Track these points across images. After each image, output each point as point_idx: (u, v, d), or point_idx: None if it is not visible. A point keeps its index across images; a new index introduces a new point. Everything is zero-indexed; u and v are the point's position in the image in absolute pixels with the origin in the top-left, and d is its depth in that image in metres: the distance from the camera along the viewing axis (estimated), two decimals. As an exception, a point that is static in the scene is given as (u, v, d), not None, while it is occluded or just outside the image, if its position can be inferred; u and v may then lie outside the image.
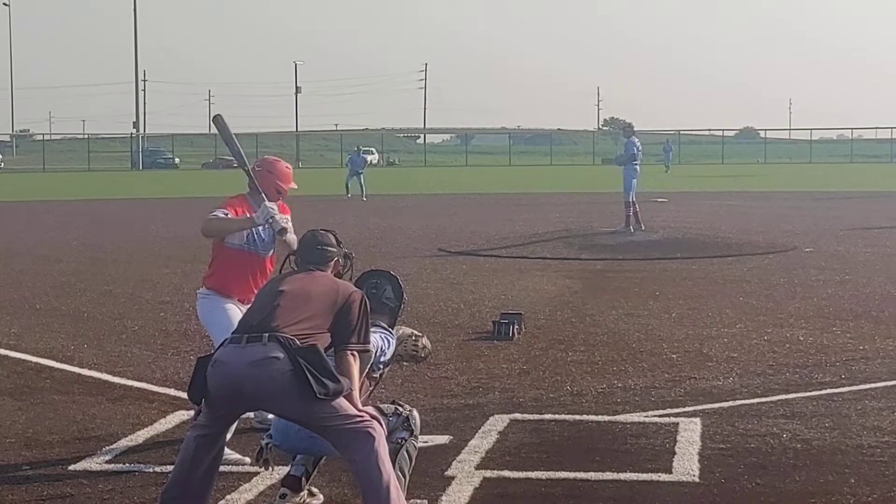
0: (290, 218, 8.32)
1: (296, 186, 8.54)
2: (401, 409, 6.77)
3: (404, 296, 7.32)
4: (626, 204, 25.96)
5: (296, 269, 6.83)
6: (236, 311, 8.19)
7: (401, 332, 7.38)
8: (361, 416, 6.19)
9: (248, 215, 8.18)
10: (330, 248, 6.86)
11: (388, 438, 6.39)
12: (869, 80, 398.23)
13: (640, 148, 26.77)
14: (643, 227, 25.68)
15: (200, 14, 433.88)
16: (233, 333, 6.40)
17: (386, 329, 7.13)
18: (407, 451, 6.69)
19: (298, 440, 6.60)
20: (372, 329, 6.82)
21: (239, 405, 6.31)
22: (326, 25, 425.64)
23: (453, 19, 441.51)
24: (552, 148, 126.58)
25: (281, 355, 6.08)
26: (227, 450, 7.81)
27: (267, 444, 6.74)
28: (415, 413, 6.81)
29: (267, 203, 8.07)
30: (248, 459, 7.80)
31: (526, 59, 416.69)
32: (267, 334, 6.16)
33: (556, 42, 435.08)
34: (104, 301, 16.25)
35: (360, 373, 6.56)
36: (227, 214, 8.16)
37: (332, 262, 6.85)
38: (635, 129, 27.34)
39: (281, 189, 8.37)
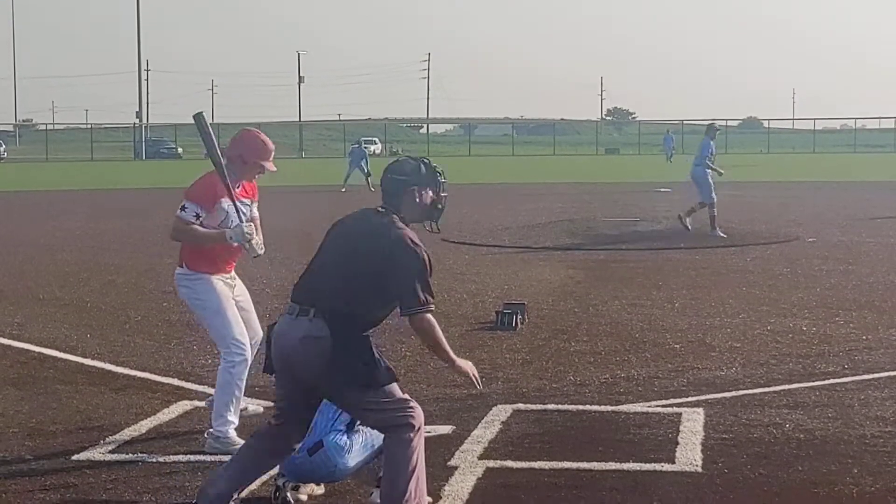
0: (256, 202, 8.32)
1: (275, 169, 8.46)
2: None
3: None
4: (709, 206, 23.86)
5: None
6: (221, 286, 8.16)
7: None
8: (404, 405, 6.12)
9: (224, 197, 8.06)
10: (399, 177, 6.37)
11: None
12: (873, 70, 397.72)
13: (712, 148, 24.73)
14: (720, 230, 23.56)
15: (204, 3, 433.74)
16: (293, 295, 6.23)
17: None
18: None
19: (307, 468, 6.63)
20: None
21: (296, 382, 6.18)
22: (329, 15, 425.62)
23: (456, 9, 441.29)
24: (555, 138, 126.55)
25: (324, 335, 5.98)
26: (235, 436, 7.87)
27: (283, 482, 6.73)
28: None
29: (244, 226, 8.00)
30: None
31: (529, 49, 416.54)
32: (313, 309, 6.03)
33: (560, 32, 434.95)
34: (107, 291, 16.25)
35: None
36: (198, 212, 8.05)
37: (405, 192, 6.38)
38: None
39: (263, 169, 8.30)
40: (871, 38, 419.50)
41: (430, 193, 6.44)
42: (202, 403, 9.19)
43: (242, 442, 7.77)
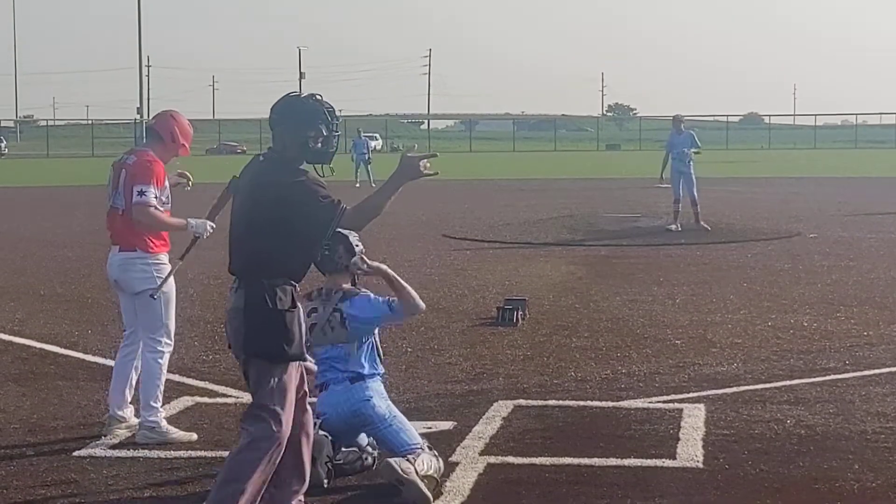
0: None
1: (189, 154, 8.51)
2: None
3: (356, 249, 7.37)
4: (692, 202, 23.54)
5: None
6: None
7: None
8: (279, 419, 5.92)
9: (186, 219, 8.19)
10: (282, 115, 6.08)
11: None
12: (874, 66, 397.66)
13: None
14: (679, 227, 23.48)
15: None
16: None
17: (357, 294, 7.27)
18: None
19: (344, 396, 7.08)
20: (354, 300, 7.19)
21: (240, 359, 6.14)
22: (330, 11, 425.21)
23: (457, 5, 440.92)
24: (556, 134, 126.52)
25: (241, 305, 5.95)
26: (169, 426, 7.96)
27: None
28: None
29: (208, 223, 8.06)
30: (195, 435, 7.97)
31: (529, 45, 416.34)
32: (238, 280, 6.01)
33: (560, 28, 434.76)
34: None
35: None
36: (156, 194, 8.13)
37: (285, 128, 6.08)
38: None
39: (175, 138, 8.36)
40: (872, 33, 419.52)
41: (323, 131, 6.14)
42: (203, 399, 9.20)
43: (172, 430, 7.89)
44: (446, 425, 8.40)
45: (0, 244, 22.76)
